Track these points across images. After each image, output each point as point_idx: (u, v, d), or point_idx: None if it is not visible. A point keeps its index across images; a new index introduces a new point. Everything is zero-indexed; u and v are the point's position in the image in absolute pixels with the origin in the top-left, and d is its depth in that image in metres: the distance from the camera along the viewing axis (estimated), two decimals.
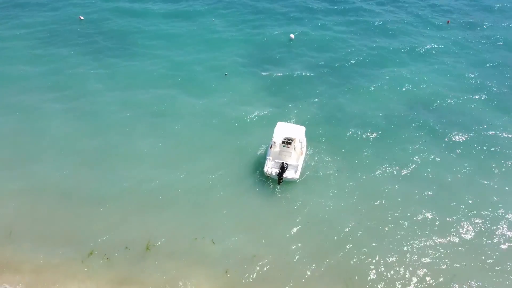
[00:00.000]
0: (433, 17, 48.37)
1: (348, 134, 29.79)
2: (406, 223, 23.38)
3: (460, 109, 32.75)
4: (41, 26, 43.33)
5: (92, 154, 27.22)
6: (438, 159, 27.81)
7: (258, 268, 20.65)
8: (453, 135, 29.99)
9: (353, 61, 39.11)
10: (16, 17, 45.05)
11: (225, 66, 38.19)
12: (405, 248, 21.99)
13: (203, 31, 44.41)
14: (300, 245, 21.76)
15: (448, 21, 47.28)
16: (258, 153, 27.64)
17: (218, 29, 44.97)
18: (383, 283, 20.29)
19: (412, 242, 22.30)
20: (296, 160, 26.11)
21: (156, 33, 43.61)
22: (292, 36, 43.73)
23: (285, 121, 29.79)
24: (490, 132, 30.43)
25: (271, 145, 26.32)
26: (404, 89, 35.17)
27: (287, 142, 26.25)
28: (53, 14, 45.82)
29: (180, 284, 19.81)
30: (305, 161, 26.83)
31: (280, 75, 37.04)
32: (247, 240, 21.92)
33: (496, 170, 27.16)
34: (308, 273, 20.46)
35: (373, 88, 35.16)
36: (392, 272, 20.83)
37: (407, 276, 20.68)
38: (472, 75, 37.38)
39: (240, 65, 38.52)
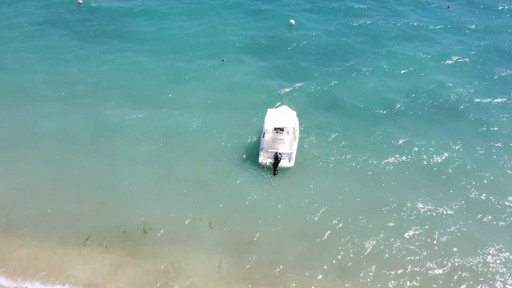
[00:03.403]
0: (432, 1, 48.29)
1: (344, 119, 30.03)
2: (404, 208, 23.35)
3: (460, 95, 32.63)
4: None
5: (86, 135, 28.53)
6: (439, 144, 27.75)
7: (254, 253, 21.15)
8: (452, 120, 29.85)
9: (351, 48, 39.28)
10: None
11: (223, 51, 38.71)
12: (402, 235, 21.91)
13: (201, 16, 45.13)
14: (296, 231, 22.17)
15: (448, 6, 47.28)
16: (253, 140, 28.04)
17: (217, 13, 45.61)
18: (379, 269, 20.31)
19: (409, 229, 22.24)
20: (289, 147, 26.23)
21: (157, 16, 44.88)
22: (293, 21, 44.02)
23: (275, 106, 29.99)
24: (490, 117, 30.34)
25: (263, 133, 26.55)
26: (402, 74, 35.29)
27: (279, 128, 26.50)
28: None
29: (177, 268, 20.39)
30: (298, 147, 27.03)
31: (277, 60, 37.36)
32: (244, 226, 22.45)
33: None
34: (304, 258, 20.89)
35: (371, 74, 35.43)
36: (389, 258, 20.77)
37: (404, 263, 20.59)
38: (473, 61, 37.31)
39: (238, 51, 38.90)
